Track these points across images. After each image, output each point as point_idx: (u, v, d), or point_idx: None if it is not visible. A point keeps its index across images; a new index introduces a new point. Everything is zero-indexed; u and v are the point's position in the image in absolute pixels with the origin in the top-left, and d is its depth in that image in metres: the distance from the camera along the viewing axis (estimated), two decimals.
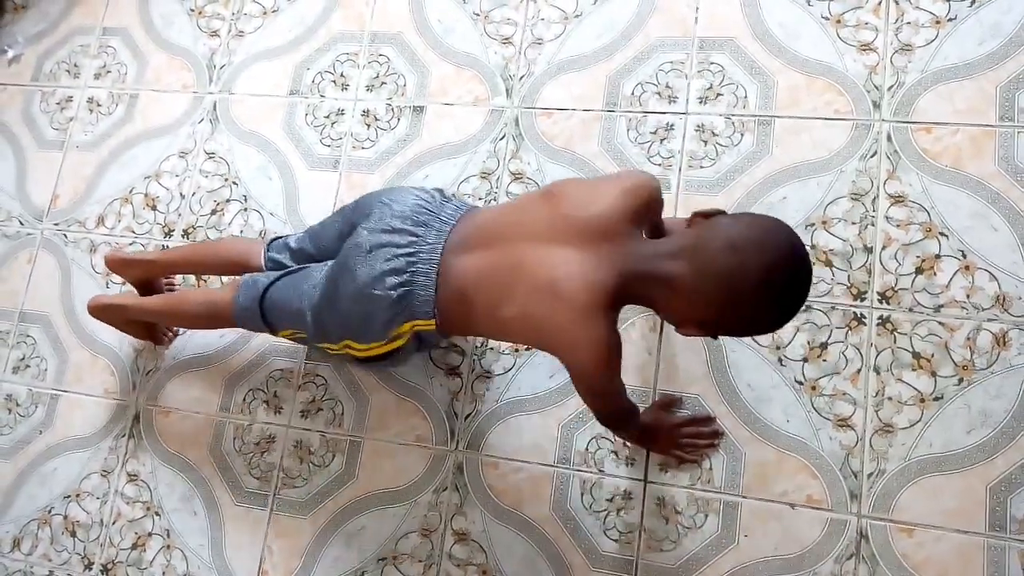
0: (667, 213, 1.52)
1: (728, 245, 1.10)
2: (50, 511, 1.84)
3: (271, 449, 1.74)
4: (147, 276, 1.80)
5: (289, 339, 1.61)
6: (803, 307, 1.18)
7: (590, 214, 1.24)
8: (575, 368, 1.25)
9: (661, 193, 1.31)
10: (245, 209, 1.93)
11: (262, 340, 1.81)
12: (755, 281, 1.09)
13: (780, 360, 1.54)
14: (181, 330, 1.87)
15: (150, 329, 1.85)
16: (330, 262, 1.48)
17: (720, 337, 1.30)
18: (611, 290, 1.19)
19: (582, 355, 1.22)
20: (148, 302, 1.76)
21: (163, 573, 1.74)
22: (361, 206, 1.50)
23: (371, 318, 1.39)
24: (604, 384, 1.27)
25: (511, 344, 1.66)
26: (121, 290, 1.93)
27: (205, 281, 1.89)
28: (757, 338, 1.56)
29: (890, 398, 1.48)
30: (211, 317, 1.65)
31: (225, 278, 1.86)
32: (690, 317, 1.17)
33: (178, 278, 1.90)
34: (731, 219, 1.18)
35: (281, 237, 1.65)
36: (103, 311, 1.78)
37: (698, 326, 1.17)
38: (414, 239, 1.37)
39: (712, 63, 1.74)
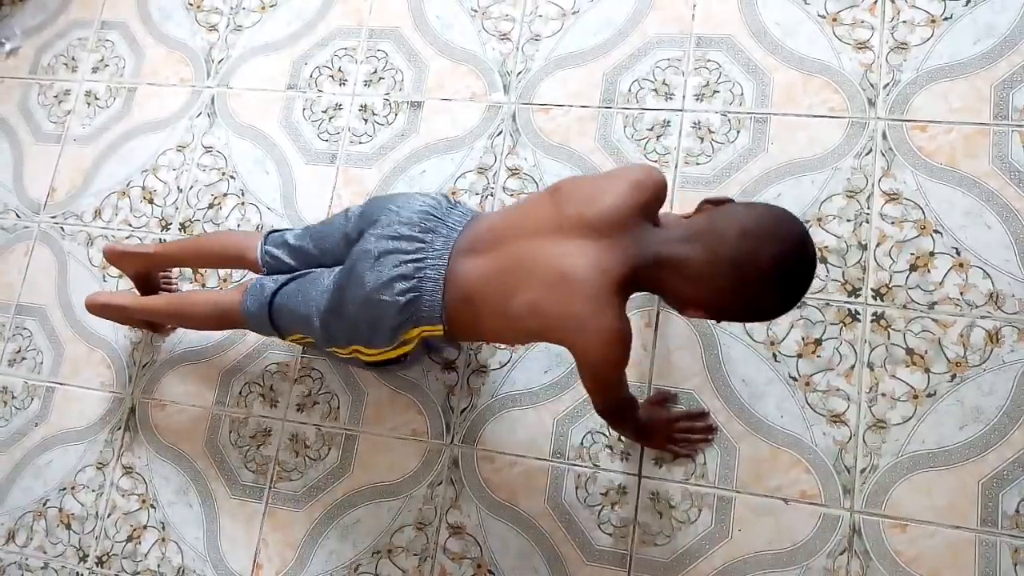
0: (663, 209, 1.52)
1: (741, 231, 1.12)
2: (45, 503, 1.84)
3: (267, 442, 1.75)
4: (144, 269, 1.80)
5: (298, 343, 1.61)
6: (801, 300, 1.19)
7: (599, 209, 1.24)
8: (584, 355, 1.26)
9: (667, 186, 1.32)
10: (242, 203, 1.93)
11: (257, 334, 1.81)
12: (765, 268, 1.11)
13: (774, 356, 1.55)
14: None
15: (149, 321, 1.84)
16: (337, 268, 1.48)
17: (720, 323, 1.31)
18: (621, 278, 1.21)
19: (593, 342, 1.22)
20: (151, 303, 1.75)
21: (158, 566, 1.74)
22: (368, 212, 1.49)
23: (379, 324, 1.39)
24: (611, 372, 1.28)
25: (518, 345, 1.66)
26: (117, 283, 1.93)
27: (202, 274, 1.89)
28: (752, 334, 1.56)
29: (883, 394, 1.49)
30: (219, 320, 1.66)
31: (222, 272, 1.87)
32: (696, 300, 1.19)
33: (175, 271, 1.90)
34: (743, 207, 1.21)
35: (278, 231, 1.64)
36: (102, 310, 1.78)
37: (703, 309, 1.19)
38: (422, 245, 1.37)
39: (709, 60, 1.75)
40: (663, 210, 1.45)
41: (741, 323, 1.56)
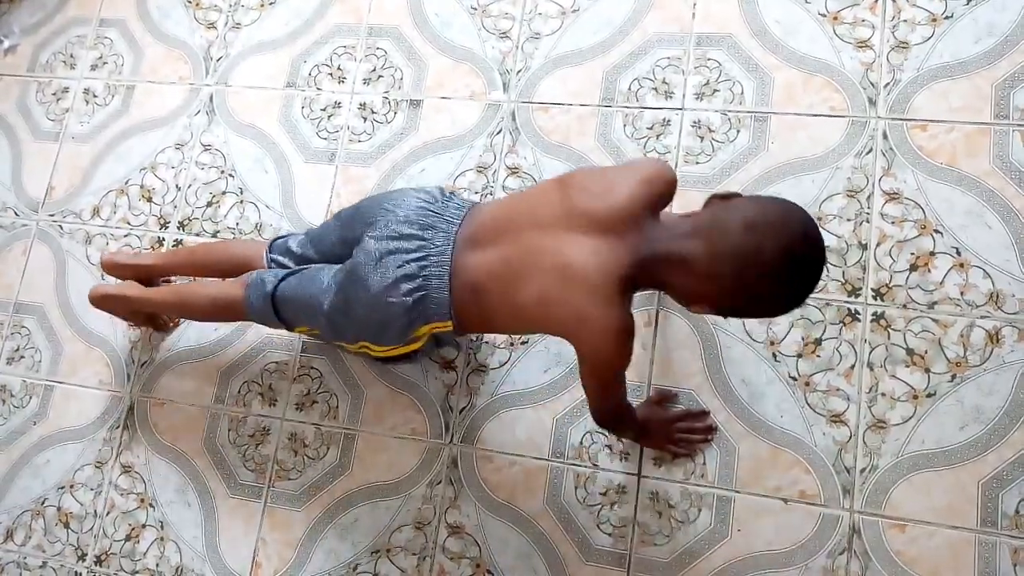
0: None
1: (746, 225, 1.11)
2: (43, 502, 1.84)
3: (266, 441, 1.75)
4: (143, 279, 1.80)
5: (306, 335, 1.61)
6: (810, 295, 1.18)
7: (608, 204, 1.23)
8: (588, 352, 1.25)
9: (677, 182, 1.30)
10: (241, 201, 1.93)
11: (257, 333, 1.81)
12: (770, 261, 1.10)
13: (774, 356, 1.54)
14: (183, 320, 1.87)
15: (151, 317, 1.84)
16: (335, 265, 1.48)
17: (728, 319, 1.30)
18: (626, 275, 1.20)
19: (596, 338, 1.22)
20: (153, 293, 1.74)
21: (157, 565, 1.74)
22: (362, 213, 1.49)
23: (388, 325, 1.39)
24: (612, 369, 1.27)
25: (514, 337, 1.66)
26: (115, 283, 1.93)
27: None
28: (752, 334, 1.56)
29: (883, 394, 1.49)
30: (222, 312, 1.65)
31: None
32: (702, 295, 1.18)
33: (174, 277, 1.89)
34: (750, 200, 1.20)
35: (282, 237, 1.64)
36: (105, 301, 1.77)
37: (709, 304, 1.18)
38: (423, 243, 1.36)
39: (709, 59, 1.74)
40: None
41: (745, 319, 1.55)
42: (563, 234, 1.24)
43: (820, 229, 1.55)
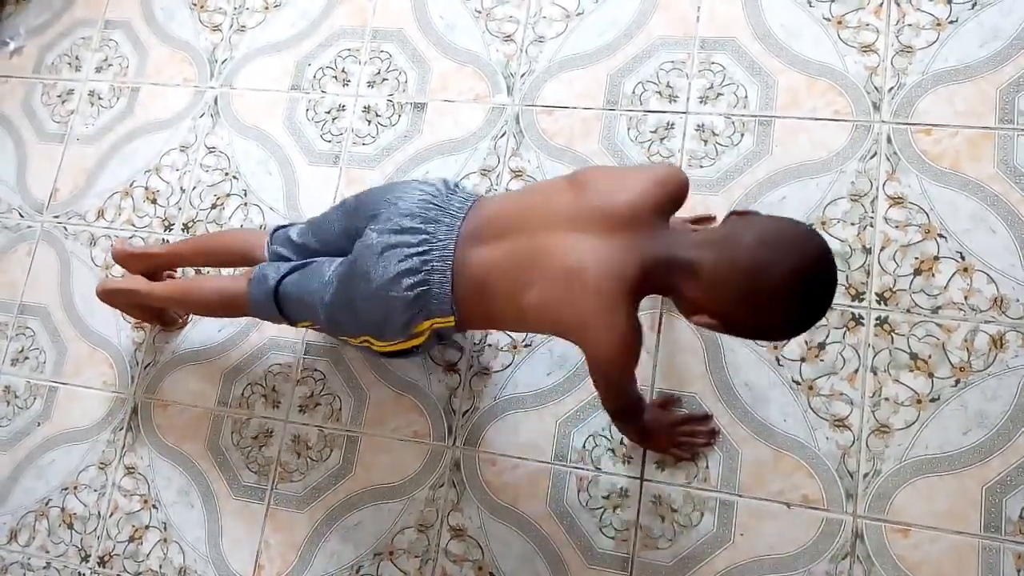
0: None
1: (760, 240, 1.10)
2: (47, 503, 1.84)
3: (269, 443, 1.75)
4: (152, 269, 1.80)
5: (310, 329, 1.62)
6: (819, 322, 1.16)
7: (618, 202, 1.23)
8: (595, 355, 1.25)
9: (689, 188, 1.29)
10: (245, 204, 1.93)
11: (261, 335, 1.81)
12: (779, 280, 1.09)
13: (777, 360, 1.54)
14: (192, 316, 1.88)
15: (159, 313, 1.84)
16: (337, 259, 1.48)
17: (727, 336, 1.29)
18: (634, 278, 1.19)
19: (601, 342, 1.21)
20: (160, 288, 1.74)
21: (160, 566, 1.74)
22: (365, 204, 1.49)
23: (389, 319, 1.38)
24: (618, 373, 1.27)
25: (517, 340, 1.66)
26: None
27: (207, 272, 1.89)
28: None
29: (887, 399, 1.48)
30: (226, 307, 1.65)
31: (226, 270, 1.86)
32: (706, 306, 1.16)
33: (179, 270, 1.89)
34: (768, 218, 1.18)
35: (283, 227, 1.64)
36: (113, 295, 1.77)
37: (711, 315, 1.16)
38: (425, 236, 1.35)
39: (713, 63, 1.74)
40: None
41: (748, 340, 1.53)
42: (571, 234, 1.24)
43: (825, 232, 1.57)
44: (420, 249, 1.34)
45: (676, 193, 1.27)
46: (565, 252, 1.23)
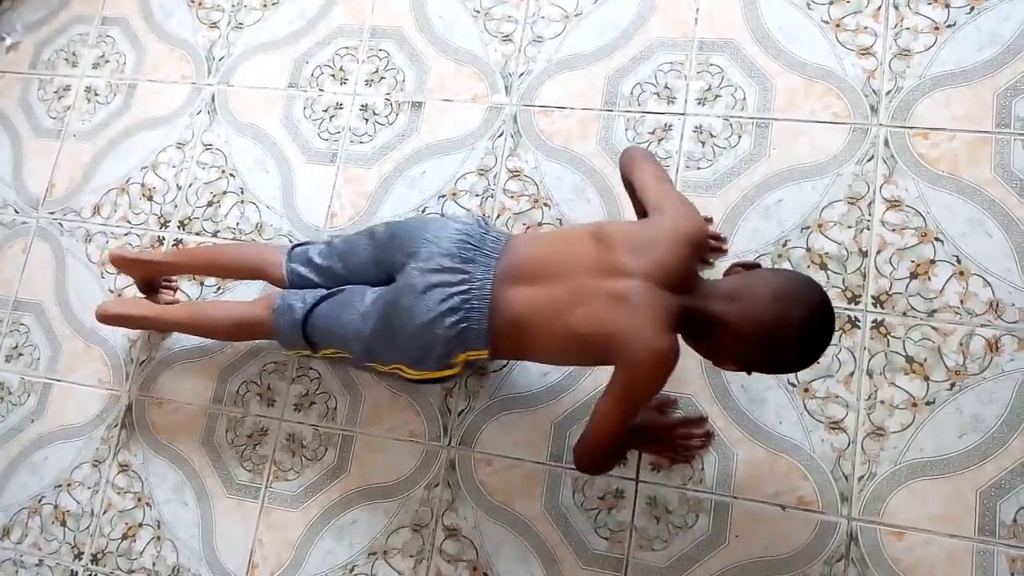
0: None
1: (773, 296, 1.21)
2: (41, 500, 1.84)
3: (263, 442, 1.74)
4: (152, 276, 1.80)
5: (330, 358, 1.63)
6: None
7: (652, 261, 1.29)
8: (628, 370, 1.25)
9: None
10: (241, 201, 1.93)
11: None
12: (794, 329, 1.20)
13: None
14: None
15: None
16: (371, 289, 1.49)
17: (751, 374, 1.34)
18: (674, 315, 1.26)
19: (644, 356, 1.24)
20: (171, 315, 1.73)
21: (153, 564, 1.73)
22: (400, 239, 1.49)
23: (429, 352, 1.42)
24: (646, 392, 1.29)
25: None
26: (115, 279, 1.92)
27: (202, 280, 1.88)
28: None
29: (882, 402, 1.49)
30: (239, 333, 1.68)
31: (230, 282, 1.85)
32: (731, 355, 1.26)
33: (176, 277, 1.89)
34: (772, 273, 1.33)
35: (301, 245, 1.63)
36: (116, 320, 1.77)
37: (736, 362, 1.26)
38: (464, 276, 1.39)
39: (711, 65, 1.74)
40: None
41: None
42: (612, 278, 1.29)
43: (822, 235, 1.57)
44: (461, 288, 1.38)
45: (702, 242, 1.38)
46: (612, 287, 1.28)
